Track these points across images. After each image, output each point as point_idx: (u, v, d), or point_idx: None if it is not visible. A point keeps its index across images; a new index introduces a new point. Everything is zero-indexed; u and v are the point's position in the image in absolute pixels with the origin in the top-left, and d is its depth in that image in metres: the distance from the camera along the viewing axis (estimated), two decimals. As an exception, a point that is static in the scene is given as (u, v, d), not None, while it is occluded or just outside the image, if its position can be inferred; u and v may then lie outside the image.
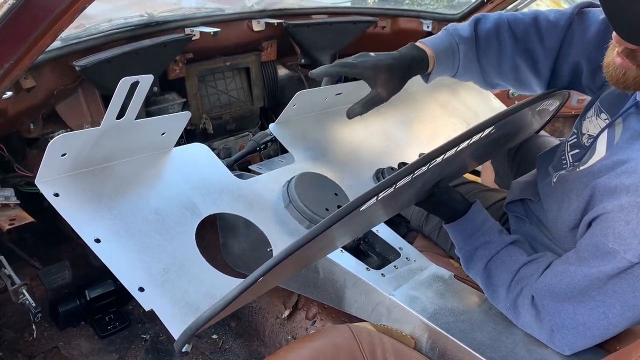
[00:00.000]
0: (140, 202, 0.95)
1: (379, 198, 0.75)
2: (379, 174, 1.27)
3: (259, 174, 1.27)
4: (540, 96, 1.03)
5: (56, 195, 0.87)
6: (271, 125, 1.25)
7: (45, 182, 0.88)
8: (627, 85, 0.88)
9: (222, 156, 1.79)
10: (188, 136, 1.73)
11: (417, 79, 1.14)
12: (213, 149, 1.75)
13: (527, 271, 1.00)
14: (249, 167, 1.51)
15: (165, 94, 1.63)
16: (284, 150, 1.91)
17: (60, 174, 0.89)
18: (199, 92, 1.69)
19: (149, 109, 1.57)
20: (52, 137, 1.19)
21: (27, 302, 1.26)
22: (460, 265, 1.12)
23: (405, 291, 1.12)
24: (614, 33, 0.82)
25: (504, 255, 1.04)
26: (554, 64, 1.13)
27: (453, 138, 0.81)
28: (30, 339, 1.60)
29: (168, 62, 1.53)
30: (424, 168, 0.79)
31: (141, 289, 0.84)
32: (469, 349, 0.97)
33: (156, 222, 0.93)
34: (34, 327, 1.54)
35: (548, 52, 1.12)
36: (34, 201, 1.43)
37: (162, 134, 1.01)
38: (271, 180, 1.14)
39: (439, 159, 0.81)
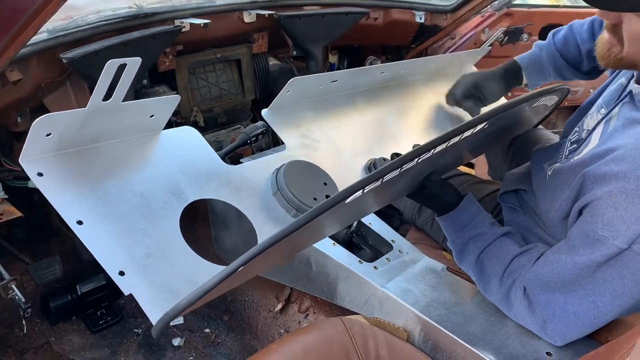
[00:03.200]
0: (126, 185, 0.93)
1: (366, 191, 0.74)
2: (371, 164, 1.26)
3: (250, 167, 1.25)
4: (538, 92, 1.02)
5: (40, 174, 0.85)
6: (264, 111, 1.23)
7: (29, 161, 0.85)
8: (608, 62, 0.92)
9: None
10: (179, 129, 1.71)
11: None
12: (204, 142, 1.73)
13: (519, 262, 1.00)
14: (240, 160, 1.49)
15: (155, 86, 1.61)
16: (275, 143, 1.90)
17: (44, 153, 0.87)
18: (189, 85, 1.68)
19: (139, 101, 1.55)
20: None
21: (17, 297, 1.25)
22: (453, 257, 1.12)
23: (398, 284, 1.12)
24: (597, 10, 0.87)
25: (496, 247, 1.04)
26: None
27: (444, 133, 0.80)
28: (20, 335, 1.59)
29: (158, 55, 1.51)
30: (412, 163, 0.78)
31: (121, 273, 0.82)
32: (462, 341, 0.98)
33: (141, 206, 0.91)
34: (24, 322, 1.53)
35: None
36: (23, 196, 1.41)
37: (151, 117, 0.98)
38: (261, 167, 1.12)
39: (428, 154, 0.80)
